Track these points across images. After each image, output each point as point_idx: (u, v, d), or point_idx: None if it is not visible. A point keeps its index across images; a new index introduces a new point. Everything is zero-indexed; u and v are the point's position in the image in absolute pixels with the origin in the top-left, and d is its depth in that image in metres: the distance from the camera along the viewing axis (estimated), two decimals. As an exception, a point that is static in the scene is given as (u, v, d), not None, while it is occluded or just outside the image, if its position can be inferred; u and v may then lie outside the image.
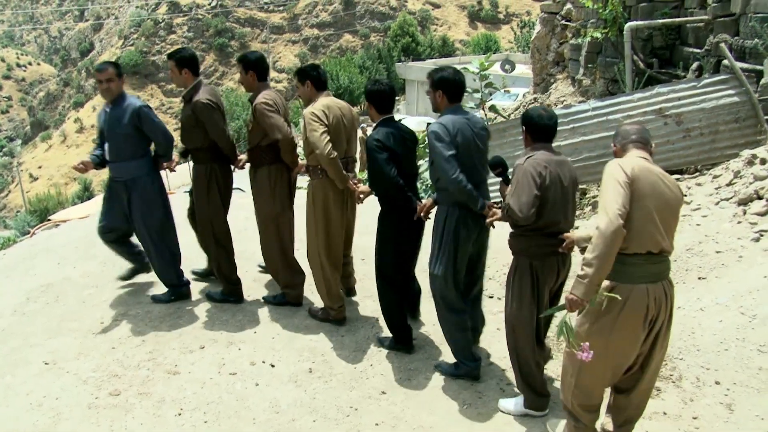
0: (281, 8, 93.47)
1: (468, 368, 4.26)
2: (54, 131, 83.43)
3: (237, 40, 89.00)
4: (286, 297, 5.30)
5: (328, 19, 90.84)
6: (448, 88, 4.12)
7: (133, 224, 5.23)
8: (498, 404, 4.03)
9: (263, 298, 5.44)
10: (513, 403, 3.98)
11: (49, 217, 16.34)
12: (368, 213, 5.04)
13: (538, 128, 3.75)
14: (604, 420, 3.61)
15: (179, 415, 3.98)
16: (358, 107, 54.75)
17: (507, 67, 33.37)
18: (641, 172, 3.09)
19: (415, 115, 36.69)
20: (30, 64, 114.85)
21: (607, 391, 3.49)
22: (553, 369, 4.31)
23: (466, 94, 9.64)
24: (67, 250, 6.67)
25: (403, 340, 4.63)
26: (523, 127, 3.82)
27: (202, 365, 4.49)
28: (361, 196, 4.73)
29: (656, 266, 3.10)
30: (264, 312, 5.23)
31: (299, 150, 5.09)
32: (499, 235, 4.23)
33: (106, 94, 4.97)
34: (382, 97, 4.45)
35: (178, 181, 15.45)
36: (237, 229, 6.35)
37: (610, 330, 3.13)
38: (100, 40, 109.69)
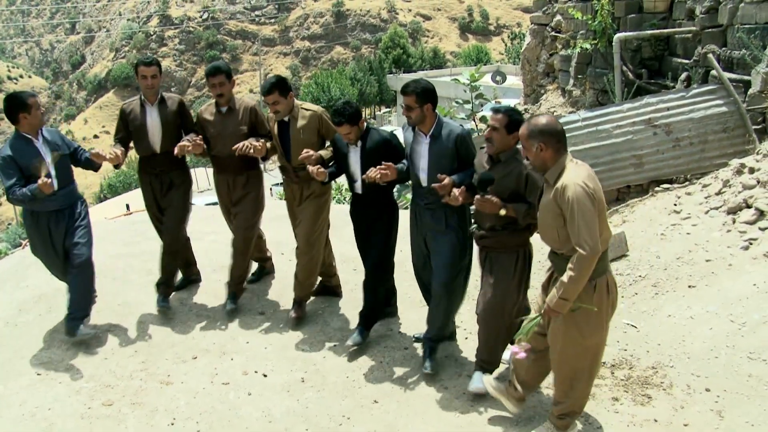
0: (272, 21, 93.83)
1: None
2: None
3: (228, 53, 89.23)
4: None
5: (319, 32, 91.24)
6: (434, 99, 4.18)
7: (72, 251, 4.81)
8: (471, 388, 4.11)
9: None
10: (480, 379, 4.08)
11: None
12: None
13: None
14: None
15: (172, 425, 3.97)
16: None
17: (498, 78, 33.58)
18: (594, 183, 3.26)
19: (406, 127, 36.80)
20: (21, 77, 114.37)
21: None
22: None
23: (456, 105, 9.76)
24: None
25: None
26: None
27: (195, 375, 4.49)
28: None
29: (606, 254, 3.43)
30: (256, 322, 5.23)
31: None
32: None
33: (42, 119, 4.71)
34: None
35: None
36: (227, 242, 6.36)
37: (605, 321, 3.43)
38: (92, 53, 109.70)
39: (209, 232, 6.89)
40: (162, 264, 5.41)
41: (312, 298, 5.45)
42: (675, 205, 6.87)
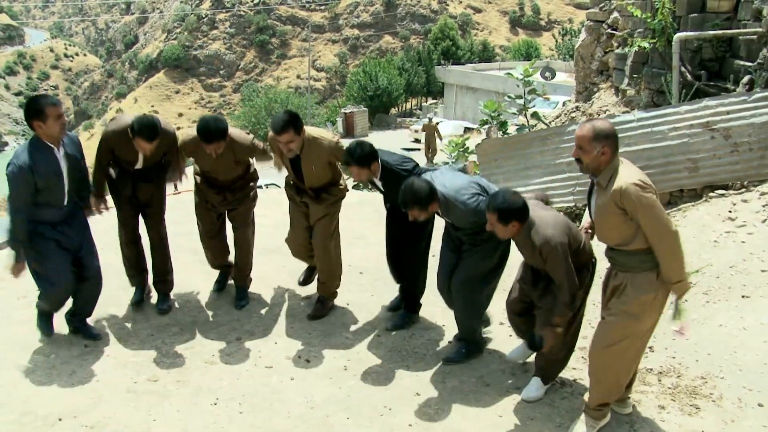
0: (323, 7, 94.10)
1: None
2: (96, 120, 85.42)
3: (278, 38, 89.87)
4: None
5: (368, 20, 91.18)
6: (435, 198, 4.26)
7: (84, 262, 4.59)
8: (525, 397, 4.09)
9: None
10: (535, 388, 4.09)
11: (89, 204, 16.66)
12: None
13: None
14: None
15: (215, 404, 4.03)
16: (396, 108, 54.92)
17: (547, 74, 33.17)
18: (645, 178, 3.37)
19: (452, 119, 36.66)
20: (77, 54, 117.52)
21: None
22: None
23: (508, 99, 9.66)
24: (109, 237, 6.75)
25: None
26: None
27: (239, 357, 4.55)
28: None
29: None
30: (301, 307, 5.27)
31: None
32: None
33: (64, 130, 4.27)
34: None
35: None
36: (275, 224, 6.43)
37: (657, 309, 3.54)
38: (144, 34, 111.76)
39: (257, 214, 6.95)
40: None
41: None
42: (730, 212, 6.67)
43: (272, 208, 6.62)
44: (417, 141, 31.86)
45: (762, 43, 7.84)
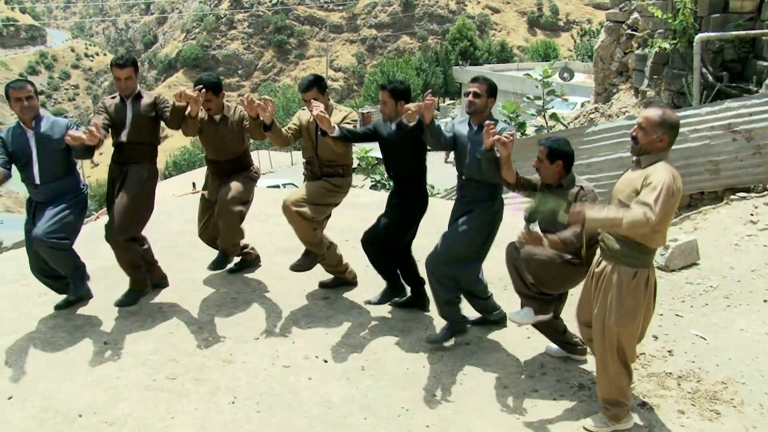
0: (341, 7, 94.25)
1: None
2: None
3: (296, 38, 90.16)
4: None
5: (386, 20, 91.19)
6: (496, 95, 4.46)
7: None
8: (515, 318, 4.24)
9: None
10: (524, 313, 4.18)
11: (109, 203, 16.83)
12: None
13: None
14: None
15: (233, 403, 4.04)
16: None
17: (565, 75, 32.92)
18: (680, 182, 3.41)
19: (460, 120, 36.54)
20: (97, 54, 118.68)
21: None
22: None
23: (526, 100, 9.62)
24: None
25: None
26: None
27: (256, 356, 4.56)
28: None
29: (653, 251, 3.64)
30: (319, 307, 5.27)
31: None
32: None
33: (27, 112, 4.62)
34: None
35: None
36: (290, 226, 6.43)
37: (639, 313, 3.58)
38: (164, 33, 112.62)
39: (273, 214, 6.98)
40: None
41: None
42: (752, 215, 6.59)
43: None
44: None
45: (786, 44, 7.75)
